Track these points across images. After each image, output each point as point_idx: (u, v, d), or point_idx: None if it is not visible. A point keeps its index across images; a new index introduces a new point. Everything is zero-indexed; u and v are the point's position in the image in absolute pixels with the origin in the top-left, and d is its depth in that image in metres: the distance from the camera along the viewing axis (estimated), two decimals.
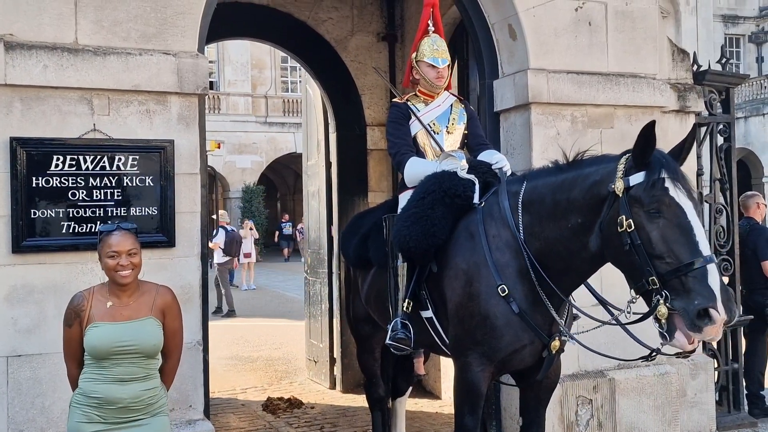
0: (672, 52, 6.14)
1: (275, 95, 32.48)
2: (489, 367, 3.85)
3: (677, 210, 3.22)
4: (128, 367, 3.31)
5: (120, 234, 3.38)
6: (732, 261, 6.35)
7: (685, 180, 3.32)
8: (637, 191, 3.32)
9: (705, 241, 3.19)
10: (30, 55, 4.07)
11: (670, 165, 3.31)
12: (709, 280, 3.09)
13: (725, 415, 6.26)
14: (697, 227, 3.20)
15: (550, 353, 3.83)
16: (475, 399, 3.90)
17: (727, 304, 3.07)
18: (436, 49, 4.54)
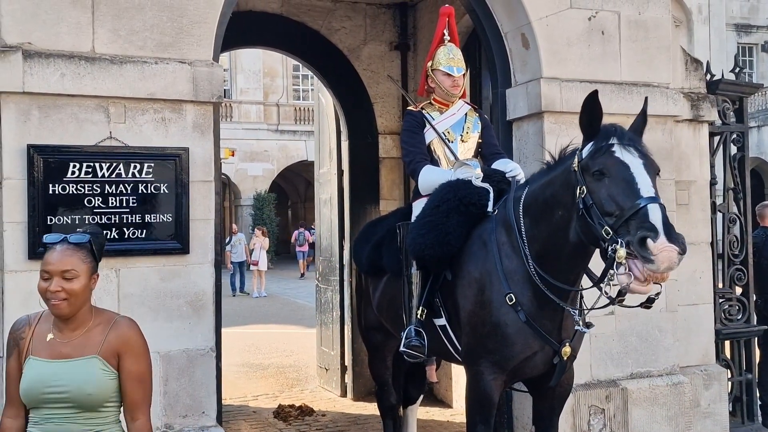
0: (685, 61, 6.13)
1: (287, 103, 32.59)
2: (501, 375, 3.85)
3: (620, 166, 3.30)
4: (61, 423, 2.52)
5: (62, 249, 2.60)
6: (746, 271, 6.32)
7: (638, 144, 3.38)
8: (586, 160, 3.42)
9: (648, 187, 3.23)
10: (48, 64, 4.12)
11: (619, 131, 3.40)
12: (650, 216, 3.14)
13: (739, 425, 6.22)
14: (641, 177, 3.25)
15: (562, 360, 3.82)
16: (487, 408, 3.89)
17: (670, 233, 3.09)
18: (451, 58, 4.56)
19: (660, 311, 5.59)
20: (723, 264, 6.30)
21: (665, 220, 3.14)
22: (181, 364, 4.38)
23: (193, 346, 4.40)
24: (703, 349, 6.04)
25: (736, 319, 6.31)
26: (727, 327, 6.24)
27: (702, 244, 6.09)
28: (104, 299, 4.22)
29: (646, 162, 3.32)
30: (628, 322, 5.48)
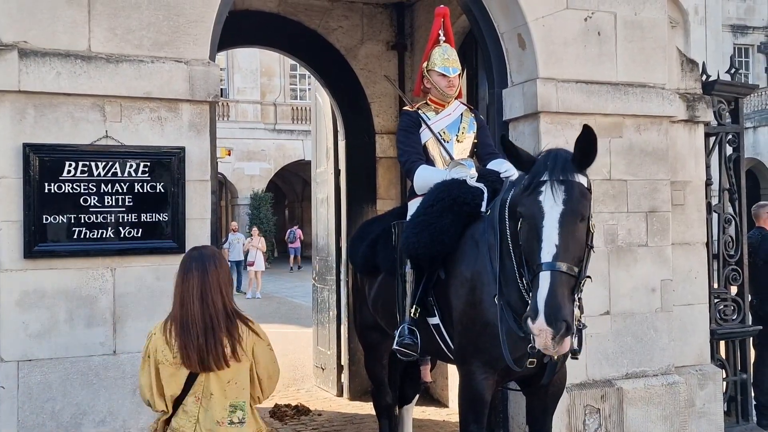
0: (681, 62, 6.14)
1: (284, 103, 32.56)
2: (492, 375, 3.86)
3: (536, 217, 3.25)
4: None
5: None
6: (741, 271, 6.33)
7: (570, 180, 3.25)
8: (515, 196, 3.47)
9: (549, 248, 3.14)
10: (44, 62, 4.11)
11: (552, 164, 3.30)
12: (538, 292, 3.10)
13: (733, 425, 6.23)
14: (549, 233, 3.16)
15: (552, 359, 3.81)
16: (479, 407, 3.91)
17: (550, 312, 3.03)
18: (446, 59, 4.57)
19: (655, 311, 5.61)
20: (718, 264, 6.31)
21: (549, 294, 3.05)
22: None
23: None
24: (699, 349, 6.05)
25: (731, 319, 6.32)
26: (722, 327, 6.25)
27: (697, 244, 6.11)
28: (100, 298, 4.23)
29: (565, 209, 3.20)
30: (624, 322, 5.50)
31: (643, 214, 5.60)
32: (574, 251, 3.19)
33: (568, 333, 3.05)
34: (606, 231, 5.46)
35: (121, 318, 4.28)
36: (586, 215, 3.27)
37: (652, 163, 5.64)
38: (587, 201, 3.29)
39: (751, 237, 6.63)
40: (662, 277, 5.66)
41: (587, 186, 3.34)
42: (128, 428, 4.26)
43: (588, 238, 3.30)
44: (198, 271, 3.08)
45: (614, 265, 5.48)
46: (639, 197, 5.59)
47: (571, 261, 3.16)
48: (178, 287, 3.11)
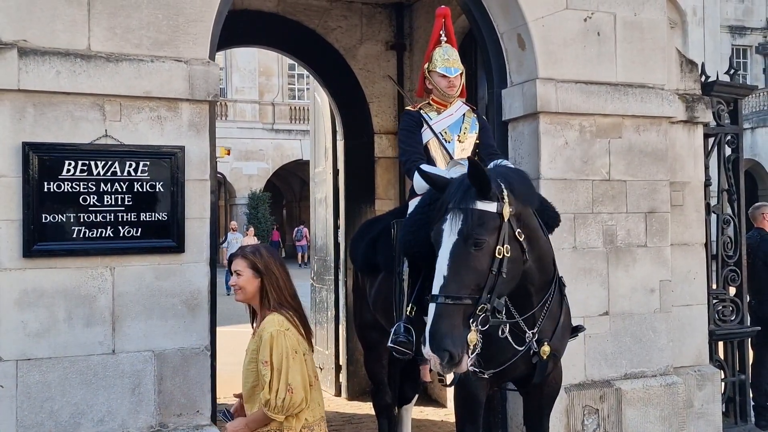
0: (680, 62, 6.15)
1: (282, 102, 32.56)
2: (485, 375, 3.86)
3: (437, 245, 3.31)
4: None
5: None
6: (739, 272, 6.34)
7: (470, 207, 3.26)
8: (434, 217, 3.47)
9: (439, 279, 3.20)
10: (43, 61, 4.11)
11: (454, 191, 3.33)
12: (428, 320, 3.18)
13: (732, 426, 6.23)
14: (441, 264, 3.21)
15: (541, 359, 3.81)
16: (473, 408, 3.94)
17: (434, 341, 3.10)
18: (447, 59, 4.56)
19: (654, 312, 5.62)
20: (717, 265, 6.32)
21: (433, 326, 3.13)
22: (175, 363, 4.37)
23: (188, 345, 4.40)
24: (697, 349, 6.06)
25: (730, 320, 6.33)
26: (721, 328, 6.26)
27: (696, 245, 6.12)
28: (99, 297, 4.23)
29: (458, 239, 3.22)
30: (623, 323, 5.50)
31: (642, 215, 5.61)
32: (469, 280, 3.20)
33: (453, 361, 3.12)
34: (605, 231, 5.47)
35: (120, 317, 4.27)
36: (487, 242, 3.24)
37: (651, 164, 5.65)
38: (488, 228, 3.25)
39: (749, 238, 6.64)
40: (661, 277, 5.66)
41: (497, 210, 3.31)
42: (127, 428, 4.26)
43: (492, 264, 3.25)
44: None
45: (613, 265, 5.48)
46: (638, 198, 5.59)
47: (464, 290, 3.18)
48: (285, 280, 3.39)
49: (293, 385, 3.21)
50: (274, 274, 3.39)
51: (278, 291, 3.38)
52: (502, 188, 3.34)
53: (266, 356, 3.23)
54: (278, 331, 3.26)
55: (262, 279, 3.37)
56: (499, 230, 3.28)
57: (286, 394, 3.20)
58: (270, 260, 3.42)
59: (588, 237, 5.41)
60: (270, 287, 3.37)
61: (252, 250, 3.46)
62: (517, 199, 3.42)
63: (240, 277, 3.39)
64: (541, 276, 3.69)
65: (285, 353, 3.23)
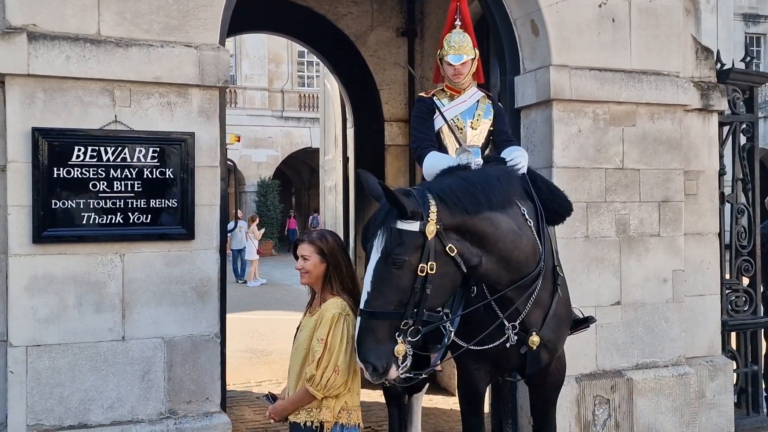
0: (695, 50, 6.06)
1: (291, 90, 32.49)
2: (483, 366, 3.85)
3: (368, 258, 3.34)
4: None
5: None
6: (753, 262, 6.28)
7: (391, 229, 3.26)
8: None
9: (364, 293, 3.26)
10: (53, 46, 4.08)
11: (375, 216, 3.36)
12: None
13: (744, 417, 6.19)
14: (366, 278, 3.28)
15: (530, 348, 3.79)
16: (474, 398, 3.95)
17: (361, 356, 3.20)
18: (452, 46, 4.49)
19: (666, 302, 5.57)
20: (730, 255, 6.26)
21: (358, 339, 3.22)
22: (185, 350, 4.36)
23: (198, 332, 4.38)
24: (709, 340, 6.01)
25: (743, 310, 6.28)
26: (734, 318, 6.21)
27: (710, 234, 6.05)
28: (108, 284, 4.22)
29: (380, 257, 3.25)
30: (635, 313, 5.46)
31: (655, 204, 5.55)
32: (392, 296, 3.24)
33: (377, 372, 3.21)
34: (618, 220, 5.41)
35: (130, 304, 4.26)
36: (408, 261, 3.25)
37: (665, 153, 5.58)
38: (408, 248, 3.25)
39: (763, 228, 6.57)
40: (674, 267, 5.61)
41: (419, 230, 3.29)
42: (136, 414, 4.26)
43: (415, 281, 3.26)
44: None
45: (626, 255, 5.43)
46: (652, 187, 5.53)
47: (387, 306, 3.23)
48: (347, 266, 3.55)
49: (341, 367, 3.34)
50: (338, 259, 3.54)
51: (341, 276, 3.52)
52: (428, 206, 3.31)
53: (323, 334, 3.36)
54: (341, 315, 3.40)
55: (327, 264, 3.50)
56: (422, 249, 3.28)
57: (332, 374, 3.32)
58: (335, 246, 3.57)
59: (601, 226, 5.36)
60: (334, 272, 3.51)
61: (318, 236, 3.59)
62: (454, 211, 3.38)
63: (307, 261, 3.51)
64: (511, 274, 3.63)
65: (342, 336, 3.36)
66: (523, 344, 3.78)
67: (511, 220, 3.63)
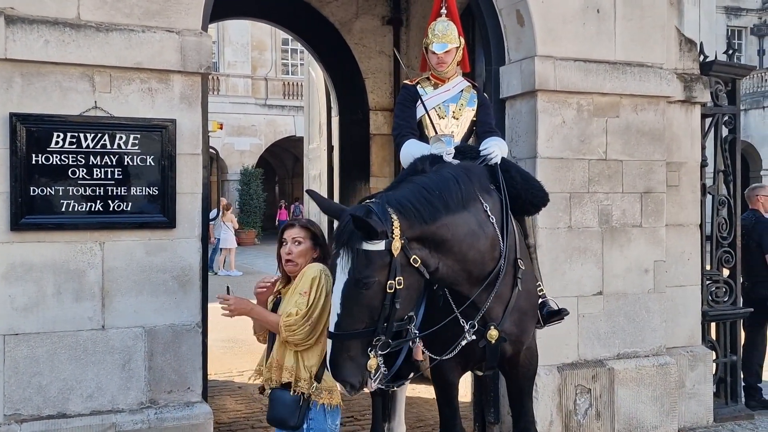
0: (679, 41, 6.07)
1: (275, 77, 32.29)
2: (453, 358, 3.84)
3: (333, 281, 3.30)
4: None
5: None
6: (733, 253, 6.33)
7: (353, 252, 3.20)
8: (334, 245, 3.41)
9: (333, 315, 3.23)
10: (31, 30, 4.01)
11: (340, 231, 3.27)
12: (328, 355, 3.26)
13: (722, 406, 6.25)
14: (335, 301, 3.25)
15: (489, 343, 3.77)
16: (446, 390, 3.97)
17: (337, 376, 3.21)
18: (436, 34, 4.46)
19: (648, 292, 5.60)
20: (711, 246, 6.30)
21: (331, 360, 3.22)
22: (166, 339, 4.32)
23: (179, 322, 4.35)
24: (690, 330, 6.06)
25: (723, 301, 6.33)
26: (714, 309, 6.26)
27: (691, 225, 6.09)
28: (88, 272, 4.17)
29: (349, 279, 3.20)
30: (616, 303, 5.48)
31: (638, 195, 5.57)
32: (360, 315, 3.22)
33: (353, 388, 3.23)
34: (600, 211, 5.43)
35: (110, 293, 4.21)
36: (377, 281, 3.22)
37: (648, 144, 5.60)
38: (375, 268, 3.21)
39: (744, 219, 6.62)
40: (656, 258, 5.64)
41: (385, 248, 3.25)
42: (117, 404, 4.22)
43: (385, 298, 3.24)
44: None
45: (608, 245, 5.45)
46: (634, 178, 5.55)
47: (357, 325, 3.21)
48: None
49: (313, 321, 3.39)
50: (326, 248, 3.58)
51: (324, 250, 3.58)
52: (391, 221, 3.27)
53: (306, 287, 3.42)
54: (322, 273, 3.44)
55: (320, 249, 3.53)
56: (389, 266, 3.26)
57: (305, 323, 3.37)
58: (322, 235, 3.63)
59: (584, 216, 5.37)
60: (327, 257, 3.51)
61: (310, 222, 3.63)
62: (413, 223, 3.35)
63: (300, 245, 3.50)
64: (467, 274, 3.61)
65: (323, 292, 3.41)
66: (482, 338, 3.77)
67: (472, 218, 3.59)
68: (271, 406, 3.53)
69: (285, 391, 3.46)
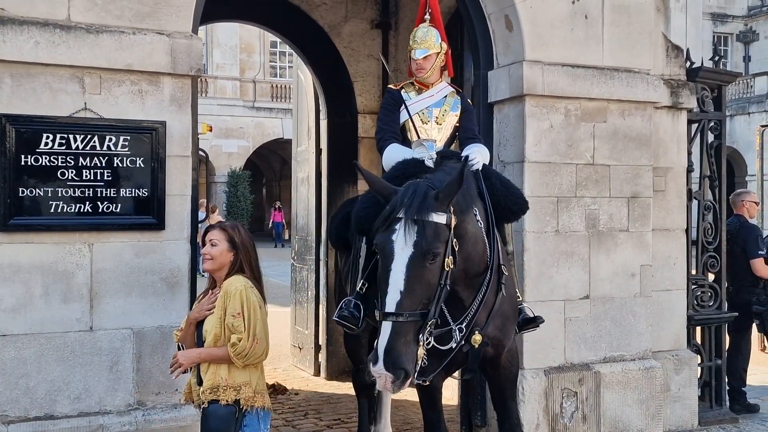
0: (666, 47, 6.13)
1: (263, 80, 32.25)
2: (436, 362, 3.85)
3: (387, 257, 3.21)
4: None
5: None
6: (719, 258, 6.38)
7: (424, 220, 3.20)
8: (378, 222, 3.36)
9: (394, 295, 3.13)
10: (21, 31, 4.00)
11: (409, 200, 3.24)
12: (379, 338, 3.13)
13: (707, 410, 6.30)
14: (395, 279, 3.14)
15: (472, 347, 3.79)
16: (430, 393, 3.96)
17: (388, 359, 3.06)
18: (416, 41, 4.50)
19: (634, 296, 5.65)
20: (697, 251, 6.36)
21: (390, 342, 3.08)
22: (154, 341, 4.32)
23: (167, 323, 4.34)
24: (675, 334, 6.10)
25: (708, 305, 6.38)
26: (699, 313, 6.31)
27: (677, 230, 6.15)
28: (76, 274, 4.16)
29: (415, 252, 3.16)
30: (603, 307, 5.52)
31: (624, 200, 5.62)
32: (421, 294, 3.19)
33: (407, 379, 3.13)
34: (588, 215, 5.47)
35: (99, 294, 4.21)
36: (441, 252, 3.23)
37: (635, 149, 5.65)
38: (441, 241, 3.23)
39: (729, 224, 6.68)
40: (642, 262, 5.69)
41: (446, 222, 3.29)
42: (104, 405, 4.21)
43: (441, 276, 3.25)
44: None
45: (595, 249, 5.49)
46: (621, 182, 5.60)
47: (416, 305, 3.17)
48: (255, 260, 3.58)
49: (259, 336, 3.41)
50: (249, 251, 3.58)
51: (249, 268, 3.56)
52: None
53: (237, 308, 3.40)
54: (245, 287, 3.45)
55: (236, 253, 3.52)
56: (447, 242, 3.27)
57: (253, 343, 3.39)
58: (246, 239, 3.61)
59: (571, 221, 5.41)
60: (244, 262, 3.54)
61: (231, 226, 3.62)
62: (459, 208, 3.41)
63: (215, 247, 3.51)
64: (467, 275, 3.65)
65: (254, 306, 3.43)
66: (467, 343, 3.78)
67: (474, 220, 3.66)
68: (205, 422, 3.45)
69: (216, 405, 3.41)
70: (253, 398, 3.44)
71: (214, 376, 3.42)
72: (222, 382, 3.40)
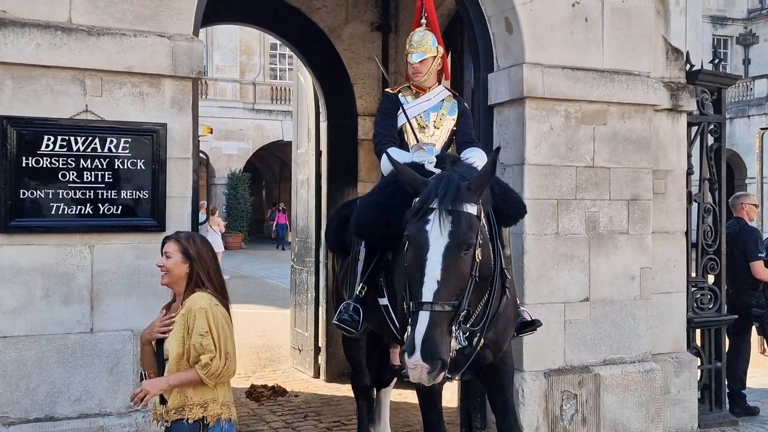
0: (666, 50, 6.15)
1: (263, 82, 32.27)
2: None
3: (422, 247, 3.20)
4: None
5: None
6: (718, 260, 6.39)
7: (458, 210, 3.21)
8: (408, 215, 3.36)
9: (431, 285, 3.13)
10: (23, 33, 4.01)
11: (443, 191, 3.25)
12: (415, 328, 3.11)
13: (707, 413, 6.30)
14: (431, 268, 3.14)
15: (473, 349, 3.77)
16: (429, 395, 3.97)
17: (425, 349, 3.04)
18: (412, 45, 4.53)
19: (634, 299, 5.65)
20: (696, 253, 6.36)
21: (427, 332, 3.07)
22: None
23: None
24: (675, 336, 6.11)
25: (708, 308, 6.38)
26: (699, 315, 6.31)
27: (677, 233, 6.15)
28: (77, 275, 4.16)
29: (451, 242, 3.17)
30: (603, 309, 5.53)
31: (624, 202, 5.63)
32: (456, 285, 3.20)
33: (443, 369, 3.11)
34: (588, 218, 5.48)
35: (99, 296, 4.21)
36: (473, 245, 3.24)
37: (635, 152, 5.66)
38: (474, 231, 3.25)
39: (729, 227, 6.69)
40: (642, 265, 5.70)
41: (477, 214, 3.31)
42: (105, 407, 4.22)
43: (473, 267, 3.26)
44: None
45: (595, 252, 5.50)
46: (621, 185, 5.61)
47: (451, 296, 3.18)
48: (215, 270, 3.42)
49: (230, 354, 3.31)
50: (206, 262, 3.41)
51: (208, 279, 3.40)
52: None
53: (205, 327, 3.27)
54: (210, 305, 3.32)
55: (191, 264, 3.37)
56: (478, 233, 3.28)
57: (225, 362, 3.27)
58: (202, 249, 3.44)
59: (571, 223, 5.42)
60: (201, 273, 3.38)
61: (186, 236, 3.47)
62: (484, 200, 3.44)
63: (169, 259, 3.38)
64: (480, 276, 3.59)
65: (221, 323, 3.31)
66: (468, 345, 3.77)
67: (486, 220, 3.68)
68: None
69: (180, 423, 3.30)
70: (220, 412, 3.34)
71: (181, 395, 3.29)
72: (188, 402, 3.28)
